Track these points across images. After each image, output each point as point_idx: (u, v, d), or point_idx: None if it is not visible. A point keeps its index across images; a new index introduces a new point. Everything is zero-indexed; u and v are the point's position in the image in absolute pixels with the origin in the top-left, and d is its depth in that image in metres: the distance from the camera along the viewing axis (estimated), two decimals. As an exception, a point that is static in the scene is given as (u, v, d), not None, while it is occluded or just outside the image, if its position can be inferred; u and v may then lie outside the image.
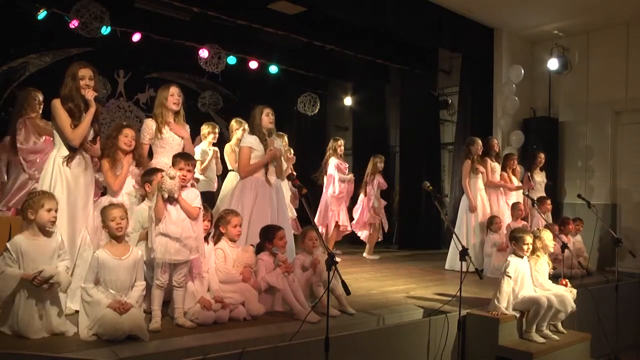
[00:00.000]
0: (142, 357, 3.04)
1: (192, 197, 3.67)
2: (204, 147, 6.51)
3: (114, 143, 4.13)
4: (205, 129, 6.62)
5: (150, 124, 4.44)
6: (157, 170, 3.99)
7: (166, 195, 3.50)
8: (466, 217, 6.78)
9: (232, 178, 6.31)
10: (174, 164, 3.68)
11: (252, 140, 4.88)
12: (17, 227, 3.91)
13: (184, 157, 3.72)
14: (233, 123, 6.60)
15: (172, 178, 3.49)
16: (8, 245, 3.23)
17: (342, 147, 7.60)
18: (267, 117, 4.92)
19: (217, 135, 6.64)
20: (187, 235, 3.57)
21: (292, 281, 4.05)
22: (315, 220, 7.28)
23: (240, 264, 4.01)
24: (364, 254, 7.78)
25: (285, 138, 7.46)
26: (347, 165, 7.73)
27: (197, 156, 6.18)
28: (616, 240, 5.84)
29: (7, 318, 3.20)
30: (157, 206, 3.52)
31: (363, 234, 7.78)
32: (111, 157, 4.11)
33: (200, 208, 3.69)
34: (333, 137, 7.77)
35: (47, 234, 3.32)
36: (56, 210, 3.35)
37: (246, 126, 6.32)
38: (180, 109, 4.52)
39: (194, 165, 3.81)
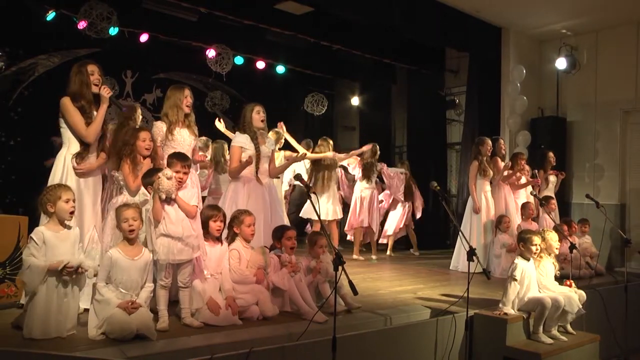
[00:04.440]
0: (150, 356, 3.05)
1: (189, 196, 3.66)
2: None
3: (132, 149, 4.06)
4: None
5: (160, 126, 4.40)
6: (157, 171, 3.96)
7: (164, 197, 3.49)
8: (471, 218, 6.75)
9: None
10: (169, 165, 3.66)
11: (242, 140, 4.74)
12: (25, 227, 3.96)
13: (180, 159, 3.69)
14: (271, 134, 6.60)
15: (168, 179, 3.48)
16: (32, 235, 3.27)
17: None
18: (257, 115, 4.78)
19: None
20: (188, 234, 3.56)
21: (299, 281, 4.04)
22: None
23: (254, 265, 4.00)
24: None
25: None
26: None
27: None
28: (625, 240, 5.79)
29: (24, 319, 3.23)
30: (155, 208, 3.51)
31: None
32: (132, 161, 4.08)
33: (197, 206, 3.68)
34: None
35: (67, 226, 3.36)
36: (74, 201, 3.37)
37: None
38: (191, 112, 4.52)
39: (190, 167, 3.80)
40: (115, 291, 3.33)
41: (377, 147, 7.66)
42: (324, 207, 6.92)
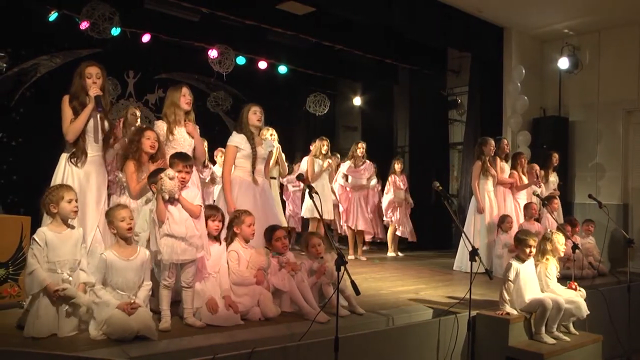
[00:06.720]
0: (152, 356, 3.05)
1: (192, 195, 3.66)
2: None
3: (137, 147, 4.08)
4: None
5: (161, 125, 4.40)
6: (162, 171, 3.97)
7: (167, 197, 3.49)
8: (474, 218, 6.74)
9: None
10: (171, 165, 3.67)
11: (238, 140, 4.72)
12: (28, 227, 3.96)
13: (181, 159, 3.69)
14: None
15: (171, 179, 3.48)
16: (34, 236, 3.29)
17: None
18: (254, 115, 4.75)
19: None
20: (192, 234, 3.56)
21: (300, 281, 4.03)
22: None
23: (255, 266, 3.99)
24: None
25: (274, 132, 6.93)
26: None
27: None
28: (628, 240, 5.78)
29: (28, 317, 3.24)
30: (159, 208, 3.50)
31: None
32: (136, 159, 4.09)
33: (201, 206, 3.69)
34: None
35: (70, 226, 3.37)
36: (76, 201, 3.39)
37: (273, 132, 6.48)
38: (191, 109, 4.52)
39: (192, 167, 3.80)
40: (112, 292, 3.33)
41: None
42: None
